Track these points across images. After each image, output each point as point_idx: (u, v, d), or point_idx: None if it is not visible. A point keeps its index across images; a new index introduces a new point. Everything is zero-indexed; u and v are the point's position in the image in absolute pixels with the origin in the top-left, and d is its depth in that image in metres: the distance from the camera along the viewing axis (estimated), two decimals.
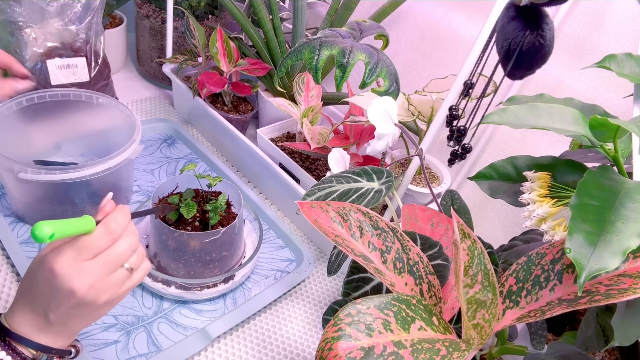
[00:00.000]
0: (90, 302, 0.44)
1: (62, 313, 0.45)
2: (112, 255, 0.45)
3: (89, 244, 0.44)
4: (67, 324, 0.46)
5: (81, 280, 0.43)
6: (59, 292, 0.43)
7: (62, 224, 0.42)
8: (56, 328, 0.46)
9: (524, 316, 0.43)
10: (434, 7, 0.92)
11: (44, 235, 0.40)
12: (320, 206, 0.49)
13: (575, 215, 0.39)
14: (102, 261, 0.45)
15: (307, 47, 0.63)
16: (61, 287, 0.43)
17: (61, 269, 0.43)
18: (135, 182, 0.89)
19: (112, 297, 0.46)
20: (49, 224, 0.40)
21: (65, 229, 0.42)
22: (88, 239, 0.44)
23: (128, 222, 0.48)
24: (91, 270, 0.44)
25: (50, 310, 0.44)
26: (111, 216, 0.46)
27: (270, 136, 0.98)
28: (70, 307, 0.44)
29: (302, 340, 0.73)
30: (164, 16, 1.06)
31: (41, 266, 0.44)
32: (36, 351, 0.45)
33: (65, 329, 0.46)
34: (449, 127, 0.59)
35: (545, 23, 0.45)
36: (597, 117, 0.42)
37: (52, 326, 0.45)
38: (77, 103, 0.79)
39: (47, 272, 0.43)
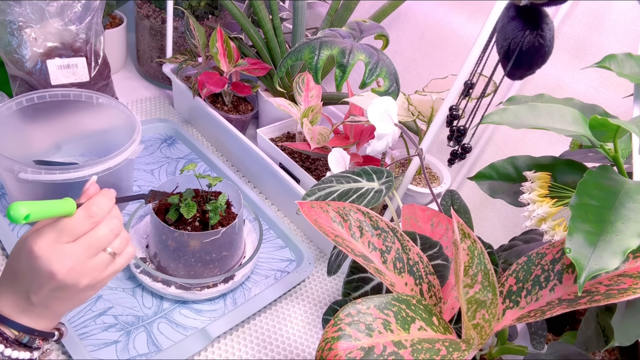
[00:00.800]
0: (70, 285, 0.44)
1: (43, 295, 0.44)
2: (93, 238, 0.45)
3: (69, 226, 0.43)
4: (48, 306, 0.46)
5: (60, 263, 0.43)
6: (38, 274, 0.43)
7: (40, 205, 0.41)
8: (38, 310, 0.45)
9: (524, 316, 0.43)
10: (434, 7, 0.92)
11: (19, 215, 0.39)
12: (320, 206, 0.49)
13: (575, 215, 0.39)
14: (82, 244, 0.44)
15: (307, 47, 0.63)
16: (40, 269, 0.43)
17: (40, 251, 0.42)
18: (135, 182, 0.89)
19: (94, 282, 0.46)
20: (25, 205, 0.39)
21: (42, 211, 0.41)
22: (68, 222, 0.43)
23: (111, 207, 0.47)
24: (71, 254, 0.43)
25: (32, 292, 0.44)
26: (93, 199, 0.46)
27: (270, 136, 0.98)
28: (50, 290, 0.44)
29: (302, 340, 0.73)
30: (164, 16, 1.06)
31: (22, 248, 0.44)
32: (18, 332, 0.45)
33: (47, 311, 0.46)
34: (449, 127, 0.59)
35: (545, 23, 0.45)
36: (597, 117, 0.42)
37: (34, 308, 0.45)
38: (77, 103, 0.79)
39: (27, 254, 0.43)
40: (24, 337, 0.46)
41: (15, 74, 0.84)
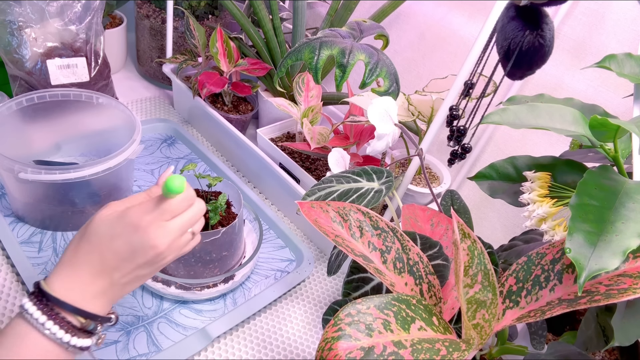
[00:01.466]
0: (161, 259, 0.47)
1: (129, 272, 0.46)
2: (187, 218, 0.49)
3: (173, 206, 0.47)
4: (126, 285, 0.47)
5: (163, 238, 0.46)
6: (139, 246, 0.45)
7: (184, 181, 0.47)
8: (113, 291, 0.47)
9: (524, 316, 0.43)
10: (434, 7, 0.92)
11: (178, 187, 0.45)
12: (320, 206, 0.49)
13: (575, 215, 0.39)
14: (178, 223, 0.48)
15: (307, 47, 0.63)
16: (143, 242, 0.45)
17: (148, 226, 0.45)
18: (135, 182, 0.89)
19: (173, 259, 0.50)
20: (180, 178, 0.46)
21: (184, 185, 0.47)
22: (172, 202, 0.47)
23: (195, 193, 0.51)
24: (170, 230, 0.47)
25: (119, 269, 0.46)
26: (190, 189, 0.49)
27: (270, 136, 0.98)
28: (142, 264, 0.46)
29: (302, 340, 0.73)
30: (164, 16, 1.06)
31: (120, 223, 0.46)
32: (85, 319, 0.45)
33: (120, 292, 0.47)
34: (449, 127, 0.59)
35: (545, 23, 0.45)
36: (597, 117, 0.42)
37: (111, 289, 0.46)
38: (77, 103, 0.79)
39: (130, 229, 0.45)
40: (90, 324, 0.46)
41: (15, 74, 0.84)
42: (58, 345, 0.44)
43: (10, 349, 0.43)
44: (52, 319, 0.43)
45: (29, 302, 0.44)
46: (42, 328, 0.43)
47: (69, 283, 0.45)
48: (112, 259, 0.45)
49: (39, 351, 0.43)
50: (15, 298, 0.68)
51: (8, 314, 0.66)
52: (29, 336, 0.43)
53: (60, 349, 0.44)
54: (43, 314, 0.43)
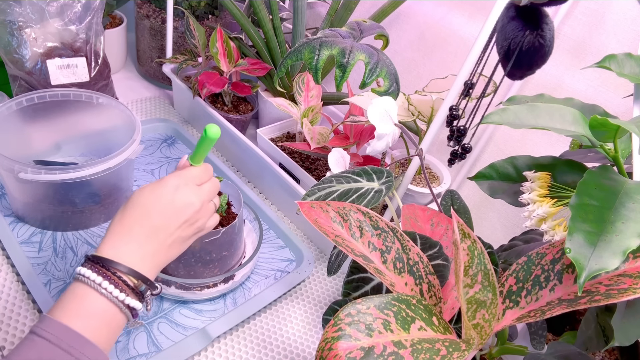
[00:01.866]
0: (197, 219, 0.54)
1: (173, 231, 0.51)
2: (211, 186, 0.57)
3: (199, 173, 0.55)
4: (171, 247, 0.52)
5: (197, 197, 0.54)
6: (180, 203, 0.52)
7: None
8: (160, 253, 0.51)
9: (524, 316, 0.43)
10: (434, 7, 0.92)
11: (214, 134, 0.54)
12: (320, 206, 0.49)
13: (575, 215, 0.39)
14: (205, 188, 0.56)
15: (307, 47, 0.63)
16: (184, 199, 0.52)
17: (186, 186, 0.53)
18: (135, 182, 0.89)
19: (203, 226, 0.56)
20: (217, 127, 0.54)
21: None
22: (196, 170, 0.55)
23: None
24: (201, 192, 0.55)
25: (165, 228, 0.51)
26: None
27: (270, 136, 0.98)
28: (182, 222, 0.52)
29: (302, 340, 0.73)
30: (164, 16, 1.06)
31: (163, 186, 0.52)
32: (137, 280, 0.48)
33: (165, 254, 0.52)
34: (449, 127, 0.59)
35: (545, 23, 0.45)
36: (597, 117, 0.42)
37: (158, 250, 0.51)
38: (77, 103, 0.79)
39: (172, 189, 0.52)
40: (142, 285, 0.49)
41: (15, 74, 0.84)
42: (114, 305, 0.47)
43: (70, 309, 0.45)
44: (107, 279, 0.46)
45: (83, 268, 0.47)
46: (99, 288, 0.46)
47: (119, 247, 0.49)
48: (158, 218, 0.50)
49: (97, 310, 0.46)
50: (15, 298, 0.68)
51: (8, 313, 0.66)
52: (87, 296, 0.46)
53: (116, 308, 0.47)
54: (99, 275, 0.46)
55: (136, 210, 0.51)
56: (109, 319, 0.47)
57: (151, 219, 0.50)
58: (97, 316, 0.46)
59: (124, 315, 0.48)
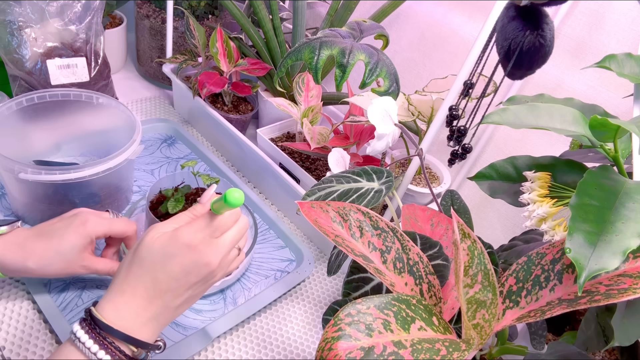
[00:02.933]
0: (212, 277, 0.48)
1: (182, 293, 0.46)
2: (234, 233, 0.49)
3: (222, 223, 0.47)
4: (178, 308, 0.47)
5: (215, 255, 0.47)
6: (193, 265, 0.46)
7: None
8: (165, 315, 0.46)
9: (524, 316, 0.43)
10: (434, 7, 0.92)
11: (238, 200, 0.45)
12: (320, 206, 0.49)
13: (575, 215, 0.39)
14: (228, 239, 0.48)
15: (307, 47, 0.63)
16: (198, 261, 0.46)
17: (200, 244, 0.46)
18: (135, 182, 0.89)
19: (222, 277, 0.51)
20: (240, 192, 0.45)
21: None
22: (222, 219, 0.47)
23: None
24: (221, 247, 0.47)
25: (173, 291, 0.46)
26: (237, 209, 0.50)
27: (270, 136, 0.98)
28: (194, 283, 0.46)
29: (302, 340, 0.73)
30: (164, 16, 1.06)
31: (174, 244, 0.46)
32: (137, 348, 0.44)
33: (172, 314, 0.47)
34: (449, 127, 0.59)
35: (545, 23, 0.45)
36: (597, 117, 0.42)
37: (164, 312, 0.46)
38: (77, 103, 0.79)
39: (184, 249, 0.45)
40: (142, 353, 0.45)
41: (15, 74, 0.84)
42: None
43: None
44: (104, 348, 0.42)
45: (80, 330, 0.43)
46: (93, 357, 0.42)
47: (121, 310, 0.44)
48: (165, 280, 0.45)
49: None
50: (15, 299, 0.68)
51: (8, 314, 0.66)
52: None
53: None
54: (95, 343, 0.42)
55: (143, 267, 0.46)
56: None
57: (157, 281, 0.45)
58: None
59: None
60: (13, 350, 0.62)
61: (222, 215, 0.48)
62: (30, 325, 0.65)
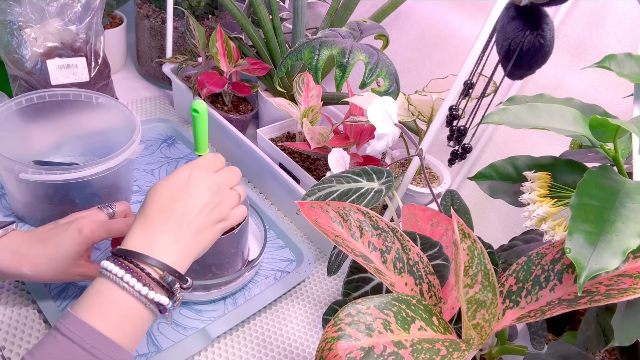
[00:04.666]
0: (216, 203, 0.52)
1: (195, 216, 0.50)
2: (227, 172, 0.56)
3: (210, 160, 0.55)
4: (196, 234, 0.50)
5: (212, 180, 0.53)
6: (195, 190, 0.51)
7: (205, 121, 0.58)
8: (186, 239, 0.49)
9: (524, 316, 0.43)
10: (434, 7, 0.92)
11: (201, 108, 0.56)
12: (320, 206, 0.49)
13: (575, 215, 0.39)
14: (221, 174, 0.55)
15: (307, 47, 0.63)
16: (198, 185, 0.51)
17: (198, 171, 0.53)
18: (135, 182, 0.89)
19: (226, 213, 0.54)
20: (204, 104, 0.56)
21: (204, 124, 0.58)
22: (208, 157, 0.56)
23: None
24: (215, 178, 0.54)
25: (186, 213, 0.50)
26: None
27: (270, 136, 0.98)
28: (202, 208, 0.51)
29: (302, 340, 0.73)
30: (164, 16, 1.06)
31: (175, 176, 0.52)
32: (162, 271, 0.46)
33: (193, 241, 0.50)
34: (449, 127, 0.59)
35: (545, 23, 0.45)
36: (597, 117, 0.42)
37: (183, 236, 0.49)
38: (76, 103, 0.79)
39: (184, 176, 0.52)
40: (168, 276, 0.46)
41: (15, 74, 0.83)
42: (137, 300, 0.45)
43: (93, 305, 0.44)
44: (130, 272, 0.44)
45: (107, 262, 0.45)
46: (121, 282, 0.44)
47: (143, 238, 0.47)
48: (176, 207, 0.49)
49: (120, 306, 0.44)
50: (15, 299, 0.68)
51: (8, 313, 0.66)
52: (109, 291, 0.44)
53: (140, 304, 0.45)
54: (121, 268, 0.44)
55: (154, 204, 0.50)
56: (133, 315, 0.45)
57: (170, 209, 0.49)
58: (121, 313, 0.44)
59: (150, 311, 0.46)
60: (13, 350, 0.62)
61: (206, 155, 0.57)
62: (30, 326, 0.65)
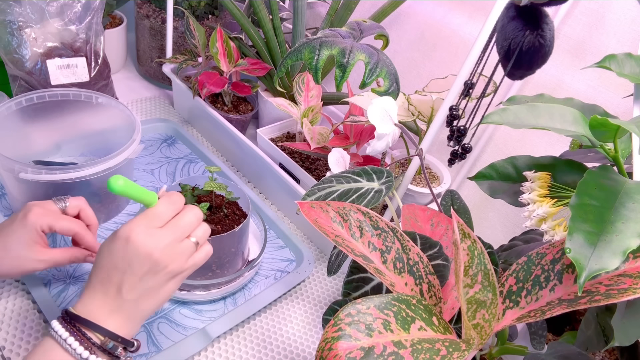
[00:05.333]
0: (161, 267, 0.48)
1: (135, 285, 0.48)
2: (179, 222, 0.50)
3: (158, 212, 0.49)
4: (138, 301, 0.48)
5: (154, 243, 0.47)
6: (135, 258, 0.47)
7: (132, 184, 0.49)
8: (127, 307, 0.48)
9: (524, 316, 0.43)
10: (434, 7, 0.92)
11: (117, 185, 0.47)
12: (320, 206, 0.49)
13: (575, 215, 0.39)
14: (171, 228, 0.49)
15: (307, 47, 0.63)
16: (137, 253, 0.47)
17: (137, 236, 0.47)
18: (135, 182, 0.89)
19: (179, 269, 0.50)
20: (123, 178, 0.47)
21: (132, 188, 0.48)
22: (156, 209, 0.49)
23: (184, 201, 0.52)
24: (162, 236, 0.48)
25: (125, 283, 0.47)
26: (171, 192, 0.52)
27: (270, 136, 0.98)
28: (144, 274, 0.47)
29: (302, 340, 0.73)
30: (164, 16, 1.06)
31: (115, 239, 0.48)
32: (104, 337, 0.47)
33: (134, 308, 0.48)
34: (449, 127, 0.59)
35: (545, 23, 0.45)
36: (597, 117, 0.42)
37: (124, 305, 0.48)
38: (76, 103, 0.79)
39: (122, 242, 0.47)
40: (109, 342, 0.47)
41: (15, 74, 0.84)
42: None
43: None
44: (73, 335, 0.46)
45: (55, 321, 0.47)
46: (64, 344, 0.46)
47: (88, 303, 0.48)
48: (115, 274, 0.48)
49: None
50: (16, 299, 0.68)
51: (8, 314, 0.66)
52: (53, 351, 0.46)
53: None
54: (66, 331, 0.46)
55: (97, 270, 0.49)
56: None
57: (109, 279, 0.48)
58: None
59: None
60: (13, 350, 0.62)
61: (156, 205, 0.50)
62: (30, 326, 0.65)
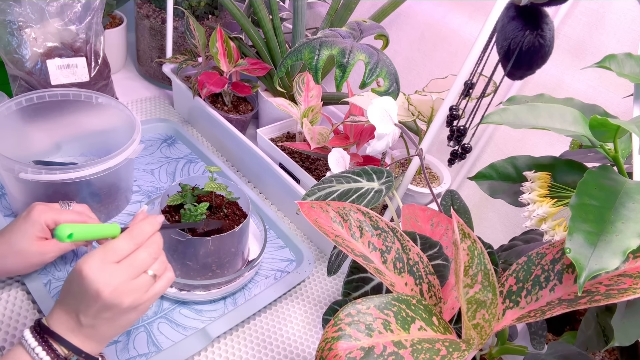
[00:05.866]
0: (114, 304, 0.47)
1: (90, 315, 0.48)
2: (135, 260, 0.49)
3: (115, 247, 0.48)
4: (95, 327, 0.49)
5: (105, 282, 0.47)
6: (87, 294, 0.47)
7: (84, 227, 0.48)
8: (86, 330, 0.49)
9: (524, 316, 0.43)
10: (434, 7, 0.92)
11: (62, 235, 0.46)
12: (320, 206, 0.49)
13: (575, 215, 0.39)
14: (125, 265, 0.48)
15: (307, 47, 0.63)
16: (88, 289, 0.47)
17: (89, 271, 0.47)
18: (135, 182, 0.89)
19: (136, 303, 0.49)
20: (70, 226, 0.46)
21: (85, 232, 0.48)
22: (113, 243, 0.49)
23: (153, 232, 0.51)
24: (115, 273, 0.47)
25: (81, 312, 0.48)
26: (138, 224, 0.51)
27: (270, 136, 0.98)
28: (97, 310, 0.48)
29: (302, 340, 0.73)
30: (164, 16, 1.06)
31: (74, 270, 0.48)
32: (68, 350, 0.48)
33: (94, 332, 0.49)
34: (449, 127, 0.59)
35: (545, 23, 0.45)
36: (597, 117, 0.42)
37: (83, 328, 0.49)
38: (76, 103, 0.79)
39: (77, 275, 0.47)
40: (72, 356, 0.49)
41: (15, 74, 0.84)
42: None
43: None
44: (41, 345, 0.48)
45: (27, 330, 0.49)
46: (32, 352, 0.47)
47: (55, 318, 0.49)
48: (73, 302, 0.49)
49: None
50: (16, 298, 0.68)
51: (8, 314, 0.66)
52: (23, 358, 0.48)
53: None
54: (35, 341, 0.48)
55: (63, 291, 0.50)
56: None
57: (69, 302, 0.49)
58: None
59: None
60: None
61: (115, 239, 0.49)
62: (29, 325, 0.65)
